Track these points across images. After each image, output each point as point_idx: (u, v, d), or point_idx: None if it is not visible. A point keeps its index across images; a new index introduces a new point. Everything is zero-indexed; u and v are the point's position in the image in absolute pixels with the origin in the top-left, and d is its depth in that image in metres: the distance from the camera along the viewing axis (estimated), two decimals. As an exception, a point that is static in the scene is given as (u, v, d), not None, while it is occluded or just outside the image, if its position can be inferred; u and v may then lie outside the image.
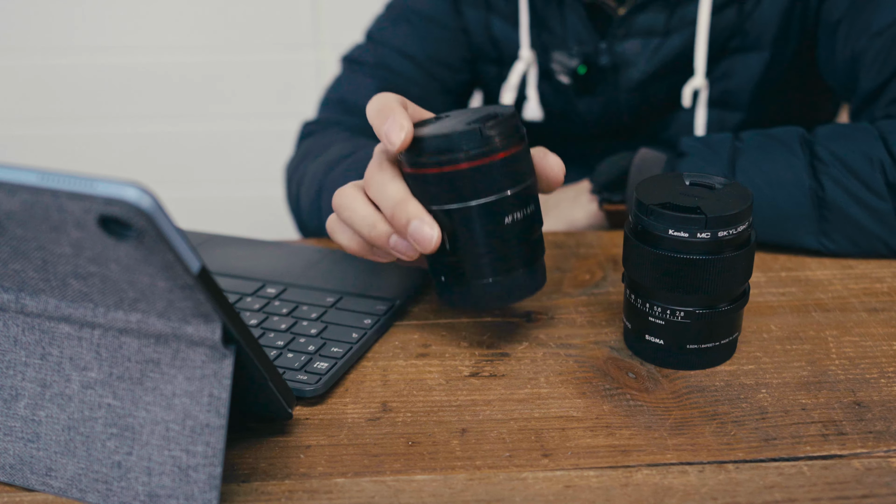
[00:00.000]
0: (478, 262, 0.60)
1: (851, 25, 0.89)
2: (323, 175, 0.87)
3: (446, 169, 0.57)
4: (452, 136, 0.56)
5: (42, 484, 0.51)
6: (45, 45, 1.68)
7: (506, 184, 0.58)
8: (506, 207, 0.58)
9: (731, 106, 1.00)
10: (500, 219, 0.58)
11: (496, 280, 0.60)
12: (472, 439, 0.55)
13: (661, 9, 0.96)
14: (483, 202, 0.58)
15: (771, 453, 0.53)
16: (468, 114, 0.60)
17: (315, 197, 0.88)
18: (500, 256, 0.59)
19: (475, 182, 0.57)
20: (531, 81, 1.04)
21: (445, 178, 0.57)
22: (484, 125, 0.57)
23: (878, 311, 0.68)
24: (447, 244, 0.59)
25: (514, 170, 0.58)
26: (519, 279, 0.61)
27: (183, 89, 1.72)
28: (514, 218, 0.59)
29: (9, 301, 0.51)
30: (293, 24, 1.67)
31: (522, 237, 0.60)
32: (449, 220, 0.58)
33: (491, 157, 0.57)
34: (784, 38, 0.96)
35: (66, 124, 1.75)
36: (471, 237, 0.59)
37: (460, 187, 0.57)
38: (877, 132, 0.75)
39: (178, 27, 1.68)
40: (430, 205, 0.58)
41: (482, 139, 0.56)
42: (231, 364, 0.48)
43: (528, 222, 0.60)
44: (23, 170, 0.42)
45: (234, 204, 1.81)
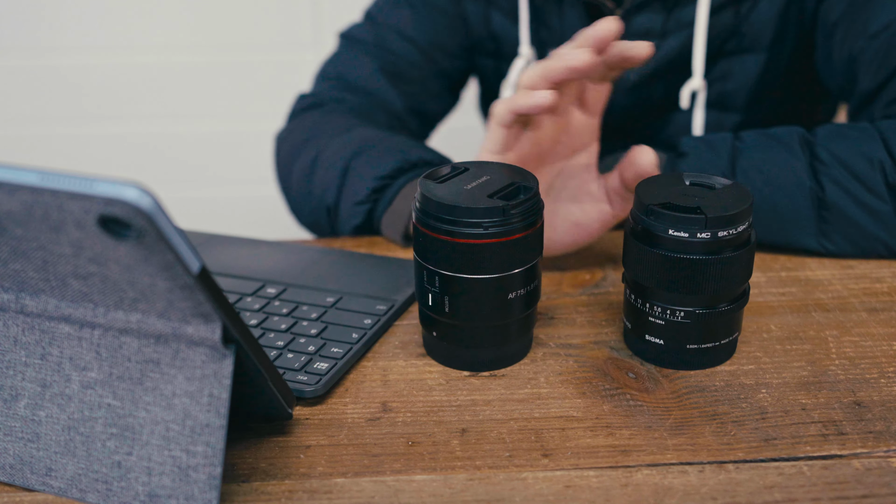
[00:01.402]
0: (476, 331, 0.60)
1: (849, 27, 0.89)
2: (352, 155, 0.86)
3: (460, 240, 0.57)
4: (475, 211, 0.56)
5: (42, 484, 0.51)
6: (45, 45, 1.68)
7: (517, 262, 0.58)
8: (510, 284, 0.59)
9: (728, 107, 1.00)
10: (506, 294, 0.59)
11: (490, 350, 0.61)
12: (472, 439, 0.55)
13: (659, 10, 0.96)
14: (492, 277, 0.58)
15: (771, 453, 0.53)
16: (492, 175, 0.60)
17: (339, 175, 0.87)
18: (499, 329, 0.60)
19: (489, 257, 0.57)
20: None
21: (459, 247, 0.57)
22: (508, 204, 0.57)
23: (878, 311, 0.68)
24: (447, 308, 0.59)
25: (528, 248, 0.59)
26: (511, 349, 0.62)
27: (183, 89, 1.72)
28: (517, 294, 0.59)
29: (9, 301, 0.51)
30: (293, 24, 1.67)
31: (521, 314, 0.60)
32: (454, 287, 0.58)
33: (510, 237, 0.57)
34: (781, 40, 0.96)
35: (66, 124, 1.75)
36: (475, 306, 0.59)
37: (473, 259, 0.57)
38: (877, 132, 0.75)
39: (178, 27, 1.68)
40: (438, 266, 0.58)
41: (504, 218, 0.57)
42: (231, 364, 0.48)
43: (531, 297, 0.61)
44: (23, 170, 0.42)
45: (234, 204, 1.81)
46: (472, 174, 0.61)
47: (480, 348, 0.61)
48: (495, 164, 0.63)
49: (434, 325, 0.61)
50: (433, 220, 0.57)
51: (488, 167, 0.62)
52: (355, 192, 0.83)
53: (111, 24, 1.67)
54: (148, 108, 1.74)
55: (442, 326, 0.61)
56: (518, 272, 0.58)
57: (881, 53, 0.85)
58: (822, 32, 0.93)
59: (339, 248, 0.79)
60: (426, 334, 0.63)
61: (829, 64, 0.93)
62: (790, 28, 0.96)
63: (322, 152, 0.91)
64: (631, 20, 0.96)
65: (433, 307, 0.60)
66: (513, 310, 0.59)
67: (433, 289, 0.59)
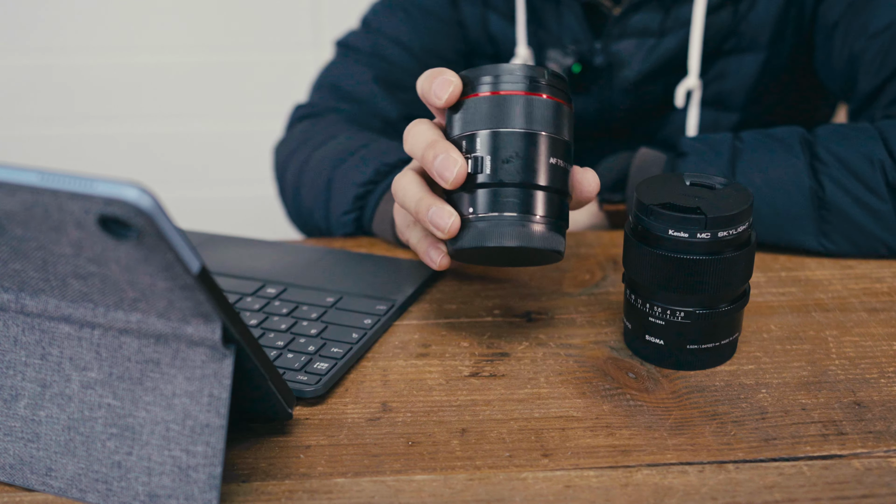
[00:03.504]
0: (510, 190, 0.58)
1: (849, 27, 0.89)
2: (333, 166, 0.87)
3: (501, 93, 0.59)
4: (513, 66, 0.59)
5: (42, 484, 0.51)
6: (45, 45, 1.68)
7: (550, 126, 0.59)
8: (545, 146, 0.59)
9: (726, 107, 1.00)
10: (539, 154, 0.59)
11: (522, 216, 0.59)
12: (472, 439, 0.55)
13: (657, 9, 0.96)
14: (528, 131, 0.58)
15: (771, 453, 0.53)
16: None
17: (324, 188, 0.87)
18: (530, 191, 0.59)
19: (526, 111, 0.58)
20: None
21: (500, 101, 0.59)
22: (544, 68, 0.60)
23: (878, 311, 0.68)
24: (486, 168, 0.59)
25: (559, 120, 0.60)
26: (542, 226, 0.59)
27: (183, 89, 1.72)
28: (552, 161, 0.59)
29: (9, 301, 0.51)
30: (293, 24, 1.67)
31: (554, 185, 0.59)
32: (493, 143, 0.58)
33: (542, 95, 0.59)
34: (779, 40, 0.96)
35: (65, 124, 1.75)
36: (509, 162, 0.58)
37: (511, 113, 0.58)
38: (877, 132, 0.75)
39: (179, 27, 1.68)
40: (478, 127, 0.59)
41: (540, 77, 0.59)
42: (231, 364, 0.48)
43: (562, 175, 0.60)
44: (23, 170, 0.42)
45: (234, 204, 1.81)
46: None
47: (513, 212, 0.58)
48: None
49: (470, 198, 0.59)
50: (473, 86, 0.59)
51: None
52: (340, 203, 0.83)
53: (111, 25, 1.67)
54: (148, 108, 1.74)
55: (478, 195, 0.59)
56: (554, 136, 0.59)
57: (881, 54, 0.85)
58: (822, 33, 0.93)
59: (339, 248, 0.79)
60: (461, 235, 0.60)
61: (828, 64, 0.93)
62: (789, 28, 0.96)
63: (306, 164, 0.91)
64: (629, 19, 0.96)
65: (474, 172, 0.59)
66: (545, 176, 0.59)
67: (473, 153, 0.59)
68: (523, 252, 0.60)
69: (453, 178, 0.58)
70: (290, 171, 0.94)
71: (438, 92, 0.60)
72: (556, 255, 0.60)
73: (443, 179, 0.59)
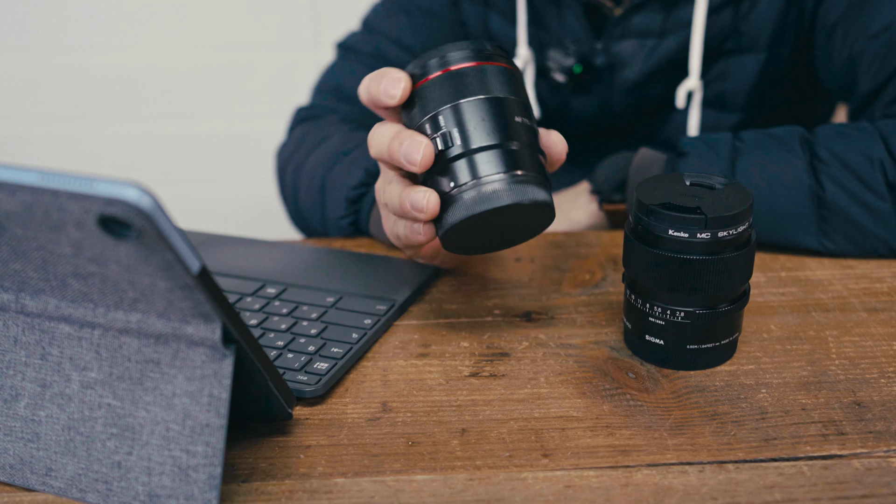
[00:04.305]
0: (486, 153, 0.59)
1: (849, 27, 0.89)
2: (325, 171, 0.87)
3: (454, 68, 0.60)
4: (458, 44, 0.61)
5: (42, 484, 0.51)
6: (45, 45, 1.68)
7: (507, 90, 0.60)
8: (509, 107, 0.60)
9: (726, 107, 1.00)
10: (504, 114, 0.59)
11: (506, 174, 0.58)
12: (472, 439, 0.55)
13: (658, 10, 0.96)
14: (489, 97, 0.59)
15: (771, 453, 0.53)
16: None
17: (318, 192, 0.87)
18: (507, 150, 0.59)
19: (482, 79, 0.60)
20: (528, 79, 1.04)
21: (454, 75, 0.60)
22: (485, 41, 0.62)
23: (878, 310, 0.68)
24: (457, 139, 0.59)
25: (514, 83, 0.61)
26: (529, 183, 0.59)
27: (183, 89, 1.72)
28: (519, 120, 0.60)
29: (9, 301, 0.51)
30: (293, 24, 1.67)
31: (527, 140, 0.60)
32: (458, 115, 0.59)
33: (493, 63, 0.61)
34: (780, 40, 0.96)
35: (66, 124, 1.75)
36: (479, 127, 0.59)
37: (468, 83, 0.59)
38: (877, 132, 0.75)
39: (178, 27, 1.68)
40: (440, 106, 0.59)
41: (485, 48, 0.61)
42: (231, 364, 0.48)
43: (532, 132, 0.61)
44: (23, 170, 0.42)
45: (234, 204, 1.81)
46: None
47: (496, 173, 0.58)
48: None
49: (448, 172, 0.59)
50: (429, 67, 0.60)
51: None
52: (335, 208, 0.83)
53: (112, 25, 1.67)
54: (148, 107, 1.74)
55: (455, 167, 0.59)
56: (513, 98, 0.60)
57: (881, 54, 0.85)
58: (822, 33, 0.93)
59: (339, 248, 0.79)
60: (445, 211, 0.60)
61: (828, 65, 0.93)
62: (789, 28, 0.96)
63: (302, 167, 0.91)
64: (630, 20, 0.96)
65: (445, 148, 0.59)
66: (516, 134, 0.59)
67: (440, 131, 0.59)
68: (515, 216, 0.59)
69: (420, 159, 0.58)
70: (288, 174, 0.95)
71: (390, 90, 0.60)
72: (548, 210, 0.60)
73: (411, 163, 0.59)
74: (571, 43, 1.00)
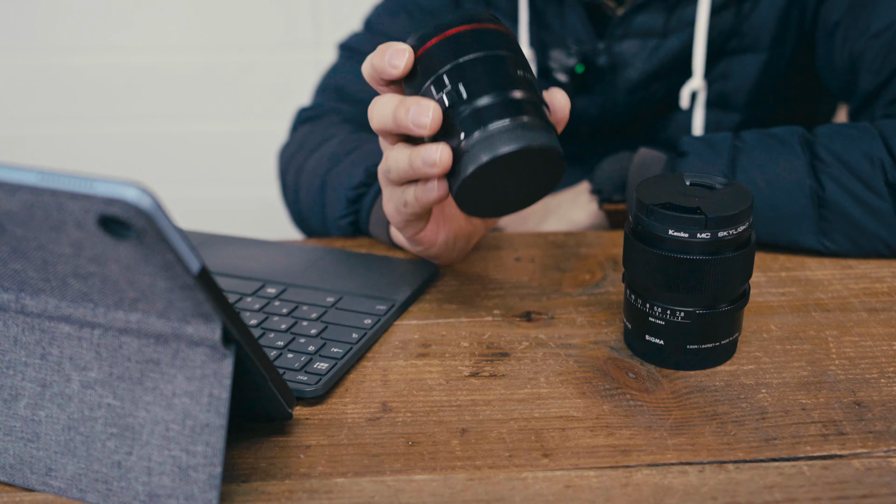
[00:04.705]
0: (493, 102, 0.59)
1: (850, 27, 0.89)
2: (326, 170, 0.87)
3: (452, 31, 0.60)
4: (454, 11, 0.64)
5: (42, 484, 0.51)
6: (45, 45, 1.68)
7: (506, 47, 0.61)
8: (509, 61, 0.60)
9: (728, 107, 1.00)
10: (506, 67, 0.60)
11: (514, 120, 0.58)
12: (472, 439, 0.55)
13: (660, 10, 0.96)
14: (489, 53, 0.60)
15: (771, 453, 0.53)
16: None
17: (318, 192, 0.87)
18: (512, 99, 0.59)
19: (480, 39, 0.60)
20: None
21: (454, 38, 0.60)
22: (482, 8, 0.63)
23: (878, 310, 0.68)
24: (463, 93, 0.59)
25: (511, 44, 0.62)
26: (535, 123, 0.59)
27: (183, 89, 1.72)
28: (520, 74, 0.60)
29: (9, 301, 0.51)
30: (293, 24, 1.67)
31: (529, 94, 0.60)
32: (462, 71, 0.59)
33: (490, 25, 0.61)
34: (781, 40, 0.96)
35: (66, 124, 1.75)
36: (483, 78, 0.59)
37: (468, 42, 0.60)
38: (877, 132, 0.75)
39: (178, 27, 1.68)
40: (442, 67, 0.60)
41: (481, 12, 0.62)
42: (231, 364, 0.48)
43: (534, 86, 0.61)
44: (23, 170, 0.42)
45: (234, 204, 1.81)
46: None
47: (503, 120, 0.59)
48: None
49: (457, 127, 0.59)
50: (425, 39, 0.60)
51: None
52: (335, 208, 0.83)
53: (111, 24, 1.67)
54: (148, 107, 1.74)
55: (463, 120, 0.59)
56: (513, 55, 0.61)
57: (882, 54, 0.85)
58: (823, 33, 0.93)
59: (339, 248, 0.79)
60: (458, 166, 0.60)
61: (829, 64, 0.93)
62: (791, 28, 0.96)
63: (303, 168, 0.91)
64: (632, 20, 0.96)
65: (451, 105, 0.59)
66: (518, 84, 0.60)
67: (445, 90, 0.59)
68: (526, 165, 0.60)
69: (430, 121, 0.58)
70: (290, 175, 0.95)
71: (394, 61, 0.60)
72: (558, 158, 0.60)
73: (421, 126, 0.58)
74: (573, 43, 1.00)
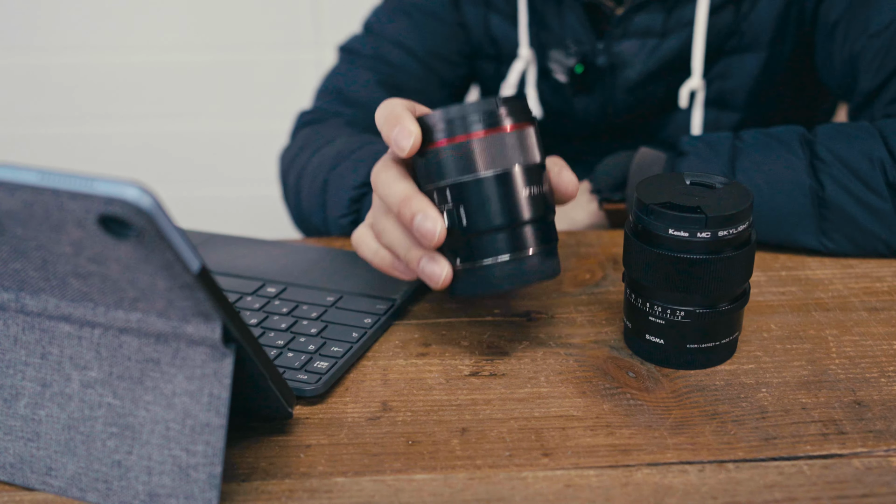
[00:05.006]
0: (493, 236, 0.59)
1: (849, 26, 0.89)
2: (329, 169, 0.87)
3: (459, 139, 0.58)
4: (465, 107, 0.58)
5: (42, 483, 0.51)
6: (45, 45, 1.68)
7: (517, 157, 0.59)
8: (517, 181, 0.59)
9: (728, 106, 1.00)
10: (512, 191, 0.58)
11: (513, 257, 0.59)
12: (472, 438, 0.55)
13: (659, 9, 0.96)
14: (495, 173, 0.58)
15: (771, 452, 0.53)
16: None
17: (320, 191, 0.87)
18: (514, 231, 0.59)
19: (488, 152, 0.58)
20: (530, 80, 1.05)
21: (459, 148, 0.58)
22: (496, 99, 0.58)
23: (878, 310, 0.68)
24: (464, 220, 0.59)
25: (524, 145, 0.59)
26: (534, 259, 0.60)
27: (183, 89, 1.72)
28: (527, 193, 0.59)
29: (9, 300, 0.51)
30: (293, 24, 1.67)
31: (535, 215, 0.59)
32: (463, 194, 0.58)
33: (501, 129, 0.58)
34: (780, 39, 0.96)
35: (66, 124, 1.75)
36: (484, 209, 0.58)
37: (473, 158, 0.58)
38: (877, 131, 0.75)
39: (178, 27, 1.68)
40: (444, 179, 0.58)
41: (494, 110, 0.58)
42: (231, 363, 0.48)
43: (541, 201, 0.60)
44: (23, 169, 0.42)
45: (234, 204, 1.81)
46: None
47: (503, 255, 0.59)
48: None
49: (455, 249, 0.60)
50: (429, 133, 0.58)
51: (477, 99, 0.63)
52: (336, 207, 0.83)
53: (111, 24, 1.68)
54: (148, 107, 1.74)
55: (462, 246, 0.59)
56: (521, 168, 0.59)
57: (882, 53, 0.85)
58: (822, 32, 0.93)
59: (339, 248, 0.79)
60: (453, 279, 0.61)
61: (829, 64, 0.93)
62: (790, 27, 0.96)
63: (305, 169, 0.91)
64: (631, 20, 0.96)
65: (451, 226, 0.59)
66: (524, 210, 0.59)
67: (446, 206, 0.59)
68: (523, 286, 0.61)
69: (436, 240, 0.58)
70: (291, 176, 0.95)
71: (401, 142, 0.59)
72: (555, 275, 0.61)
73: (425, 240, 0.59)
74: (573, 43, 1.00)
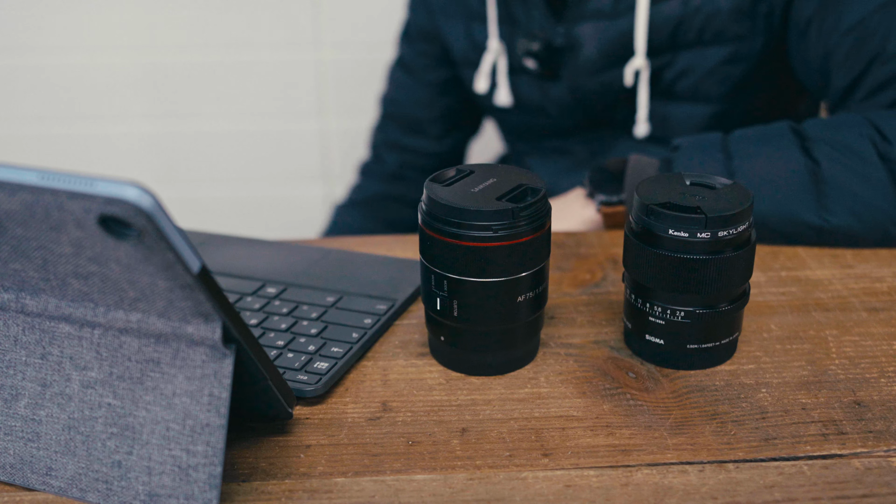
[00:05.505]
0: (484, 336, 0.60)
1: (822, 24, 0.90)
2: None
3: (469, 243, 0.56)
4: (484, 214, 0.56)
5: (42, 483, 0.51)
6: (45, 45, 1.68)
7: (526, 265, 0.58)
8: (520, 287, 0.58)
9: (699, 99, 1.02)
10: (514, 298, 0.58)
11: (497, 355, 0.61)
12: (472, 439, 0.55)
13: None
14: (500, 280, 0.57)
15: (771, 453, 0.53)
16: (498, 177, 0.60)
17: None
18: (505, 333, 0.60)
19: (497, 260, 0.57)
20: (501, 69, 1.10)
21: (467, 250, 0.57)
22: (516, 206, 0.56)
23: (878, 310, 0.68)
24: (456, 311, 0.59)
25: (535, 250, 0.58)
26: (517, 354, 0.61)
27: (183, 88, 1.72)
28: (525, 297, 0.59)
29: (9, 301, 0.51)
30: (293, 24, 1.67)
31: (530, 315, 0.60)
32: (462, 290, 0.58)
33: (518, 240, 0.57)
34: (748, 34, 0.97)
35: (66, 124, 1.75)
36: (483, 310, 0.58)
37: (481, 262, 0.57)
38: (860, 116, 0.79)
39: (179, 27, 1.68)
40: (446, 270, 0.58)
41: (513, 220, 0.56)
42: (231, 364, 0.48)
43: (539, 300, 0.60)
44: (23, 170, 0.42)
45: (234, 204, 1.81)
46: (478, 177, 0.60)
47: (488, 352, 0.60)
48: (500, 166, 0.62)
49: (441, 330, 0.61)
50: (440, 224, 0.57)
51: (494, 169, 0.61)
52: None
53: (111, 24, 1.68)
54: (148, 107, 1.74)
55: (449, 331, 0.60)
56: (526, 275, 0.58)
57: (854, 49, 0.87)
58: (795, 30, 0.94)
59: (339, 248, 0.79)
60: (432, 338, 0.62)
61: (804, 61, 0.94)
62: (758, 23, 0.97)
63: None
64: (586, 3, 1.01)
65: (441, 311, 0.59)
66: (521, 313, 0.59)
67: (441, 293, 0.59)
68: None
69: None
70: None
71: None
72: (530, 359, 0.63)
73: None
74: (539, 31, 1.04)
